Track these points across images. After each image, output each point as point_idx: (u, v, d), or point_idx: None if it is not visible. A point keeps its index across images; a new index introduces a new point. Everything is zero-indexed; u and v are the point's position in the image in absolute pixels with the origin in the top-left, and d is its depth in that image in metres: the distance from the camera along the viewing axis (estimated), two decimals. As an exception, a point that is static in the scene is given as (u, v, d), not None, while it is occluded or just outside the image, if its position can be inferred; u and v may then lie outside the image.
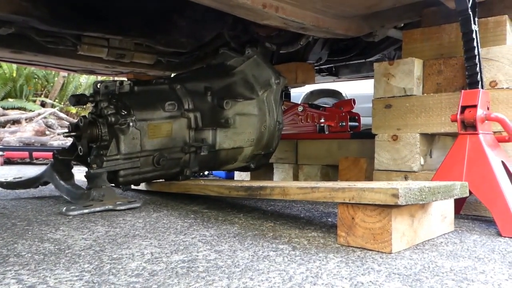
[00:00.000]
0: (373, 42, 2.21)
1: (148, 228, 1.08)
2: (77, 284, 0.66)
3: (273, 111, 1.74)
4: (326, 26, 1.61)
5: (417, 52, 1.50)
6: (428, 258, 0.84)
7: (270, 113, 1.73)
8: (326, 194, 0.98)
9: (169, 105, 1.51)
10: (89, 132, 1.43)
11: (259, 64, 1.75)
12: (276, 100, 1.74)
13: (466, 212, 1.33)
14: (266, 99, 1.73)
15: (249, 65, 1.76)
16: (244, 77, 1.75)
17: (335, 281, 0.69)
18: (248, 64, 1.76)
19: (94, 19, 1.79)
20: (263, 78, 1.74)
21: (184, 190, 1.50)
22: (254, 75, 1.75)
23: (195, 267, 0.75)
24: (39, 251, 0.86)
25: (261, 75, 1.74)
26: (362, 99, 3.08)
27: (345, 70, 3.14)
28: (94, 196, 1.37)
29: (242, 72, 1.75)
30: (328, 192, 0.98)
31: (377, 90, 1.52)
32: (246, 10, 1.44)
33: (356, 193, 0.91)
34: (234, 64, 1.78)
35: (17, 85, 8.59)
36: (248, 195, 1.22)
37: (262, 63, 1.75)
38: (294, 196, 1.07)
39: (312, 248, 0.90)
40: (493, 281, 0.70)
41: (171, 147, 1.52)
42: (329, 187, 0.98)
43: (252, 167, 1.80)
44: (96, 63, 2.33)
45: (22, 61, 2.36)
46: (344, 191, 0.94)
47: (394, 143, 1.45)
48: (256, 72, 1.75)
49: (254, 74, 1.75)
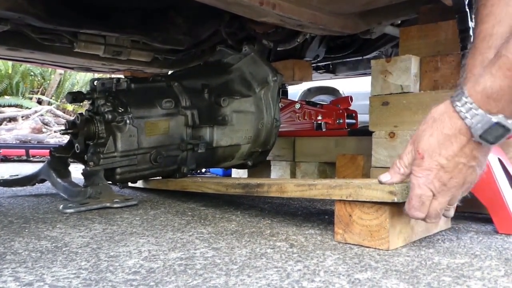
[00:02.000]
0: (370, 39, 2.21)
1: (146, 226, 1.08)
2: (74, 282, 0.66)
3: (270, 109, 1.74)
4: (323, 23, 1.61)
5: (414, 49, 1.50)
6: (425, 255, 0.84)
7: (267, 111, 1.73)
8: (324, 191, 0.98)
9: (166, 103, 1.50)
10: (86, 130, 1.43)
11: (256, 62, 1.75)
12: (273, 98, 1.74)
13: (463, 210, 1.33)
14: (264, 97, 1.73)
15: (246, 63, 1.75)
16: (241, 74, 1.74)
17: (333, 278, 0.69)
18: (245, 61, 1.76)
19: (91, 16, 1.78)
20: (260, 75, 1.74)
21: (181, 187, 1.50)
22: (251, 73, 1.74)
23: (193, 265, 0.76)
24: (36, 248, 0.86)
25: (258, 73, 1.74)
26: (359, 96, 3.08)
27: (342, 67, 3.14)
28: (91, 193, 1.37)
29: (239, 69, 1.75)
30: (325, 190, 0.98)
31: (374, 87, 1.52)
32: (243, 7, 1.44)
33: (353, 191, 0.92)
34: (231, 62, 1.78)
35: (13, 82, 8.56)
36: (246, 192, 1.21)
37: (259, 61, 1.75)
38: (291, 193, 1.07)
39: (310, 246, 0.90)
40: (489, 278, 0.70)
41: (168, 144, 1.51)
42: (326, 185, 0.98)
43: (249, 165, 1.80)
44: (93, 61, 2.32)
45: (18, 58, 2.35)
46: (342, 188, 0.94)
47: (391, 140, 1.45)
48: (253, 70, 1.75)
49: (251, 72, 1.74)
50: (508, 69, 0.71)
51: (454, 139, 0.78)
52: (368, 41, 2.35)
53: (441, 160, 0.79)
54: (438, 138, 0.79)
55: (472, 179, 0.81)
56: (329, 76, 3.30)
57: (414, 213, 0.83)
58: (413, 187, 0.83)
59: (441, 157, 0.79)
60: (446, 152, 0.79)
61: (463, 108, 0.76)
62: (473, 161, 0.78)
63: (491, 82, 0.73)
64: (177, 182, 1.53)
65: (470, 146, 0.77)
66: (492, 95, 0.73)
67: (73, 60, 2.31)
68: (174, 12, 1.98)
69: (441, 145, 0.79)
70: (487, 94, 0.74)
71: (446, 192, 0.80)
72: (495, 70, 0.73)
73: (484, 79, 0.74)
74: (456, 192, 0.82)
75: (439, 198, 0.81)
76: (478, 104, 0.74)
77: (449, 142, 0.78)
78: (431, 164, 0.80)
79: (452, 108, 0.78)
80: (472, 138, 0.76)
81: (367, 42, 2.39)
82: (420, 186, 0.81)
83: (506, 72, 0.71)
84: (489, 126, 0.74)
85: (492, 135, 0.74)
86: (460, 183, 0.80)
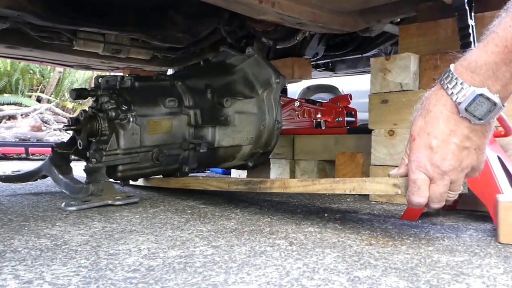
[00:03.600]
0: (369, 37, 2.21)
1: (145, 224, 1.08)
2: (74, 280, 0.66)
3: (272, 110, 1.74)
4: (322, 21, 1.61)
5: (413, 47, 1.50)
6: (424, 253, 0.84)
7: (269, 112, 1.74)
8: (327, 186, 0.98)
9: (170, 102, 1.51)
10: (89, 126, 1.43)
11: (259, 63, 1.76)
12: (275, 99, 1.75)
13: (462, 207, 1.33)
14: (266, 98, 1.73)
15: (250, 64, 1.76)
16: (245, 75, 1.75)
17: (332, 276, 0.69)
18: (248, 62, 1.76)
19: (90, 14, 1.78)
20: (263, 77, 1.74)
21: (183, 185, 1.50)
22: (255, 74, 1.75)
23: (192, 263, 0.76)
24: (35, 246, 0.86)
25: (262, 74, 1.75)
26: (358, 94, 3.08)
27: (341, 65, 3.14)
28: (93, 190, 1.37)
29: (243, 70, 1.76)
30: (329, 184, 0.98)
31: (374, 85, 1.52)
32: (242, 5, 1.44)
33: (357, 184, 0.92)
34: (235, 63, 1.78)
35: (12, 80, 8.55)
36: (248, 188, 1.21)
37: (262, 62, 1.75)
38: (294, 188, 1.07)
39: (309, 243, 0.90)
40: (488, 275, 0.71)
41: (171, 143, 1.52)
42: (330, 179, 0.99)
43: (250, 166, 1.81)
44: (92, 59, 2.32)
45: (17, 56, 2.34)
46: (345, 183, 0.94)
47: (390, 138, 1.46)
48: (256, 71, 1.75)
49: (255, 73, 1.75)
50: (496, 44, 0.71)
51: (440, 115, 0.77)
52: (368, 39, 2.35)
53: (429, 139, 0.77)
54: (426, 117, 0.78)
55: (470, 163, 0.78)
56: (328, 74, 3.30)
57: (412, 198, 0.81)
58: (408, 173, 0.82)
59: (429, 136, 0.77)
60: (433, 130, 0.77)
61: (450, 84, 0.76)
62: (466, 142, 0.76)
63: (477, 56, 0.73)
64: (178, 180, 1.53)
65: (460, 125, 0.76)
66: (476, 70, 0.73)
67: (72, 58, 2.31)
68: (173, 10, 1.98)
69: (428, 123, 0.78)
70: (471, 68, 0.73)
71: (443, 176, 0.78)
72: (483, 45, 0.73)
73: (470, 54, 0.74)
74: (456, 177, 0.79)
75: (437, 182, 0.79)
76: (462, 78, 0.74)
77: (435, 119, 0.77)
78: (420, 144, 0.79)
79: (440, 85, 0.78)
80: (459, 114, 0.75)
81: (366, 40, 2.39)
82: (413, 171, 0.80)
83: (493, 47, 0.71)
84: (473, 98, 0.73)
85: (478, 109, 0.73)
86: (456, 166, 0.78)
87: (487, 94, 0.72)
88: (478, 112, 0.73)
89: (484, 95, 0.72)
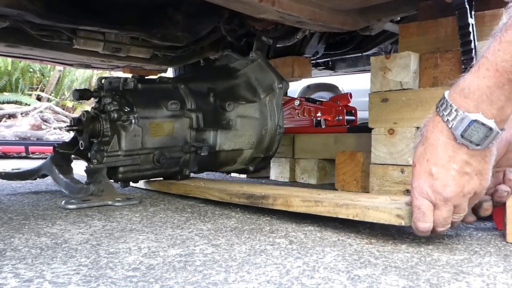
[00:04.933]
0: (369, 36, 2.20)
1: (145, 223, 1.08)
2: (74, 278, 0.66)
3: (274, 115, 1.74)
4: (322, 20, 1.60)
5: (413, 46, 1.50)
6: (424, 251, 0.84)
7: (271, 117, 1.74)
8: (330, 209, 0.99)
9: (172, 104, 1.51)
10: (91, 127, 1.43)
11: (262, 68, 1.76)
12: (278, 104, 1.75)
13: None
14: (268, 103, 1.74)
15: (253, 68, 1.76)
16: (247, 80, 1.75)
17: (332, 275, 0.69)
18: (251, 67, 1.77)
19: (90, 12, 1.78)
20: (266, 82, 1.74)
21: (184, 192, 1.49)
22: (257, 79, 1.75)
23: (192, 261, 0.76)
24: (36, 245, 0.86)
25: (264, 79, 1.75)
26: (358, 93, 3.08)
27: (341, 64, 3.14)
28: (93, 191, 1.37)
29: (246, 75, 1.76)
30: (332, 207, 0.99)
31: (374, 84, 1.51)
32: (242, 3, 1.43)
33: (360, 211, 0.92)
34: (238, 67, 1.79)
35: (12, 79, 8.55)
36: (250, 203, 1.22)
37: (265, 67, 1.76)
38: (297, 208, 1.08)
39: (309, 242, 0.90)
40: (488, 274, 0.71)
41: (172, 146, 1.52)
42: (333, 202, 0.99)
43: (250, 170, 1.81)
44: (92, 57, 2.32)
45: (17, 55, 2.34)
46: (348, 208, 0.95)
47: (390, 137, 1.45)
48: (259, 76, 1.75)
49: (257, 78, 1.75)
50: (487, 69, 0.71)
51: (438, 141, 0.77)
52: (368, 38, 2.35)
53: (429, 166, 0.78)
54: (424, 144, 0.79)
55: (472, 188, 0.78)
56: (328, 72, 3.30)
57: (418, 224, 0.82)
58: (412, 200, 0.83)
59: (429, 163, 0.78)
60: (432, 157, 0.78)
61: (445, 111, 0.76)
62: (466, 167, 0.76)
63: (469, 81, 0.73)
64: (179, 186, 1.53)
65: (458, 151, 0.76)
66: (469, 95, 0.73)
67: (72, 56, 2.30)
68: (173, 8, 1.98)
69: (427, 150, 0.79)
70: (464, 94, 0.74)
71: (446, 202, 0.78)
72: (475, 70, 0.73)
73: (463, 80, 0.75)
74: (458, 202, 0.79)
75: (440, 208, 0.79)
76: (456, 104, 0.74)
77: (433, 146, 0.78)
78: (421, 171, 0.79)
79: (436, 112, 0.79)
80: (456, 140, 0.76)
81: (366, 38, 2.38)
82: (416, 197, 0.81)
83: (484, 72, 0.71)
84: (467, 124, 0.73)
85: (475, 135, 0.73)
86: (457, 192, 0.77)
87: (482, 119, 0.72)
88: (475, 138, 0.73)
89: (479, 120, 0.72)
